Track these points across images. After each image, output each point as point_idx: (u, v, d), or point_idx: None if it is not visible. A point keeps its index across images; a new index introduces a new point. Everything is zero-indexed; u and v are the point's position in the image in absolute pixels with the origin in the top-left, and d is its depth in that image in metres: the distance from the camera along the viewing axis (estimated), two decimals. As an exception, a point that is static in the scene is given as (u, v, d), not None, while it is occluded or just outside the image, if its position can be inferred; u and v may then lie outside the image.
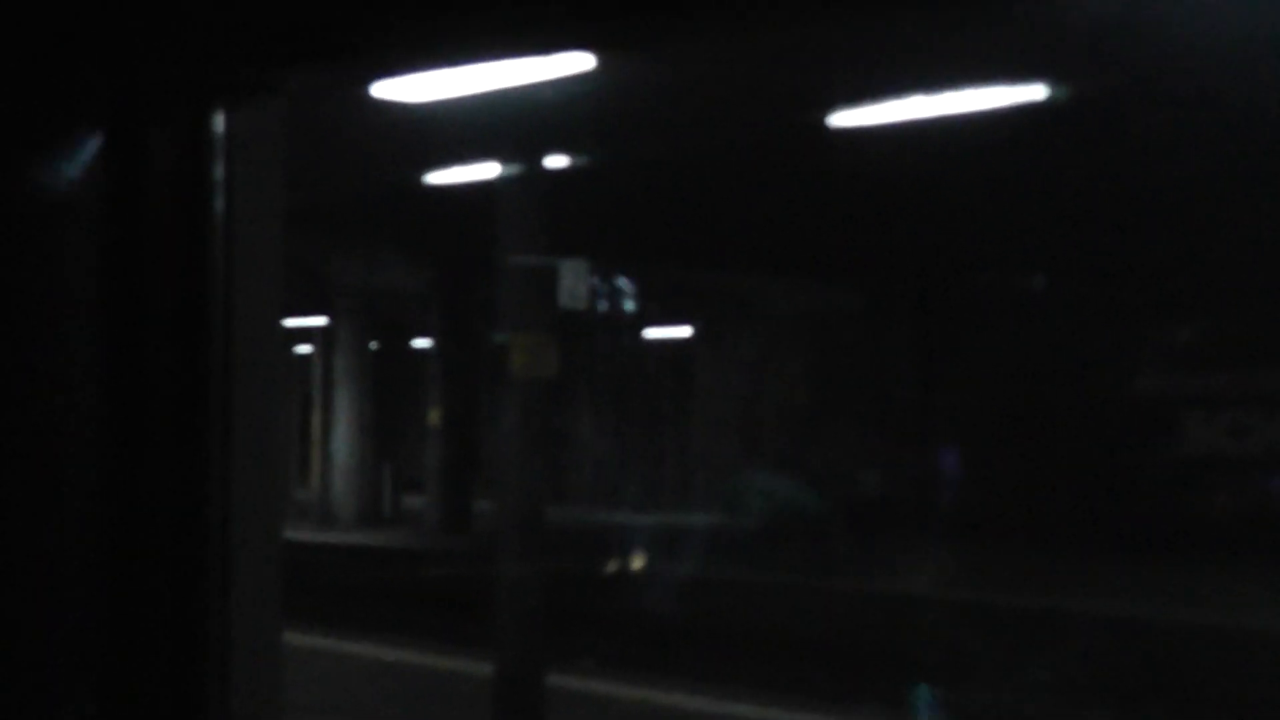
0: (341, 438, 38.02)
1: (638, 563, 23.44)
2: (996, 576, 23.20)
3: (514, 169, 15.49)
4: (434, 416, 35.19)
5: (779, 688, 15.01)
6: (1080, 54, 14.03)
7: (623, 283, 30.49)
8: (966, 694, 14.66)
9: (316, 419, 40.89)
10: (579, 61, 11.56)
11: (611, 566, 24.03)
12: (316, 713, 13.88)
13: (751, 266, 31.85)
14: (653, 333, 41.18)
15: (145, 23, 2.06)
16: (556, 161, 17.40)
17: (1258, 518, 27.01)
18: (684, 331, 40.08)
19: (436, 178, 20.37)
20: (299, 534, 34.60)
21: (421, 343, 39.07)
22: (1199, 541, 25.86)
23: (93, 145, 2.07)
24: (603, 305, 30.15)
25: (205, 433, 2.04)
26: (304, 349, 42.12)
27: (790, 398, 36.53)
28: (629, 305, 32.70)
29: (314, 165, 19.35)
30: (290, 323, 39.84)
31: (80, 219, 2.05)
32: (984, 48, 13.44)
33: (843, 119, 15.97)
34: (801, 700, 14.41)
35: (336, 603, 21.47)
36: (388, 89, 13.71)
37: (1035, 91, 14.62)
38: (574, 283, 14.87)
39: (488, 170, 17.58)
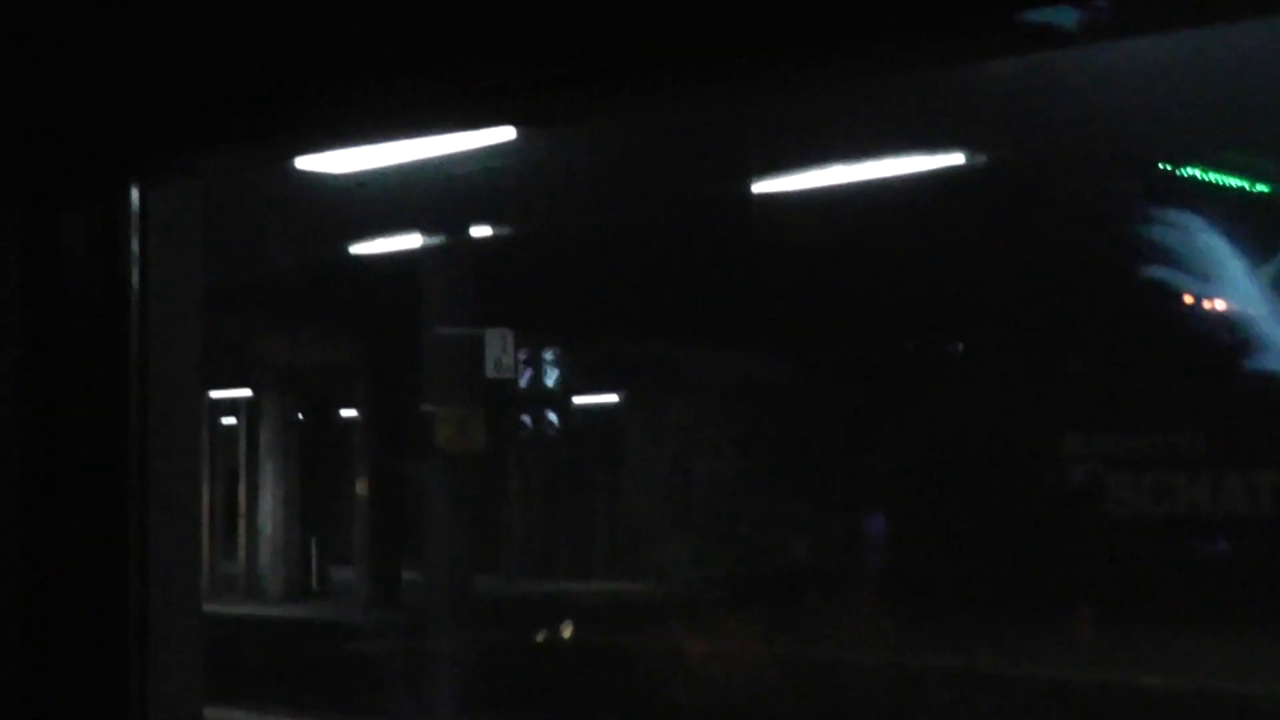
0: (268, 510, 37.78)
1: (566, 632, 23.34)
2: (915, 638, 23.24)
3: (437, 240, 15.52)
4: (361, 488, 35.02)
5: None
6: (996, 122, 14.18)
7: (549, 353, 30.52)
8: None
9: (242, 492, 40.60)
10: (499, 134, 11.59)
11: (539, 637, 23.93)
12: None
13: (679, 336, 31.92)
14: (582, 401, 41.15)
15: (61, 105, 2.07)
16: (480, 232, 17.42)
17: (1182, 577, 27.17)
18: (612, 399, 40.08)
19: (361, 249, 20.34)
20: (226, 608, 34.30)
21: (348, 414, 38.91)
22: (1125, 600, 25.98)
23: (8, 224, 2.07)
24: (529, 376, 30.18)
25: (124, 503, 2.04)
26: (229, 421, 41.86)
27: (719, 465, 36.56)
28: (555, 375, 32.71)
29: (236, 239, 19.29)
30: (215, 395, 39.62)
31: (7, 295, 2.06)
32: (901, 117, 13.57)
33: (763, 187, 16.07)
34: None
35: (263, 679, 21.28)
36: (308, 162, 13.73)
37: (953, 158, 14.76)
38: (500, 352, 14.90)
39: (411, 242, 17.58)
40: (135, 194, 2.15)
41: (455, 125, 2.27)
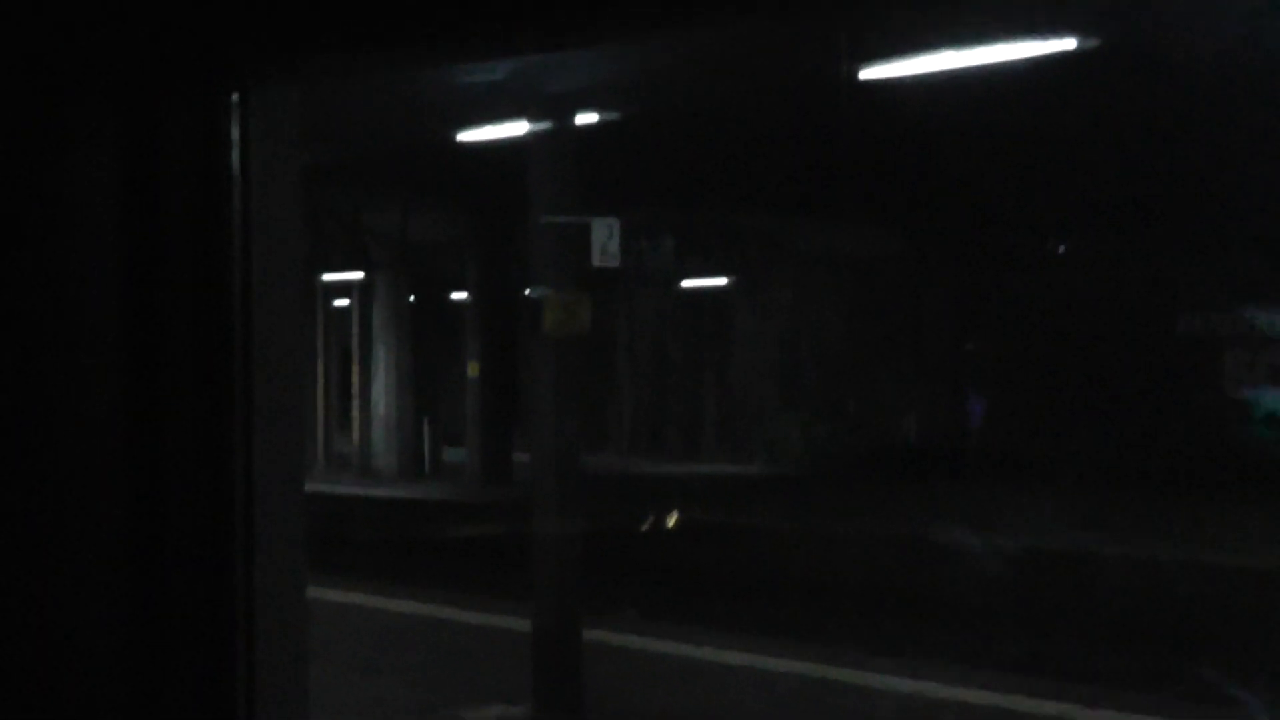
0: (380, 391, 38.14)
1: (673, 517, 23.50)
2: (1029, 521, 23.19)
3: (544, 126, 15.52)
4: (473, 369, 35.27)
5: (809, 637, 15.08)
6: (1107, 9, 14.00)
7: (660, 237, 30.43)
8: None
9: (356, 372, 41.01)
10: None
11: (651, 519, 24.11)
12: (357, 669, 14.01)
13: (786, 213, 31.81)
14: (690, 283, 41.16)
15: (160, 7, 2.09)
16: (586, 118, 17.40)
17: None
18: (721, 281, 40.06)
19: (471, 135, 20.38)
20: (339, 487, 34.75)
21: (459, 296, 39.11)
22: (1236, 480, 25.80)
23: (108, 129, 2.11)
24: (637, 260, 30.00)
25: (227, 407, 2.09)
26: (342, 303, 42.21)
27: (827, 343, 36.51)
28: (664, 259, 32.63)
29: (349, 121, 19.37)
30: (328, 277, 39.93)
31: (97, 203, 2.10)
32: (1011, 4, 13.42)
33: (873, 71, 15.95)
34: (830, 650, 14.48)
35: (379, 557, 21.59)
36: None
37: (1065, 44, 14.58)
38: (606, 240, 14.91)
39: (519, 127, 17.59)
40: (236, 97, 2.17)
41: (561, 43, 2.27)
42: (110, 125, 2.11)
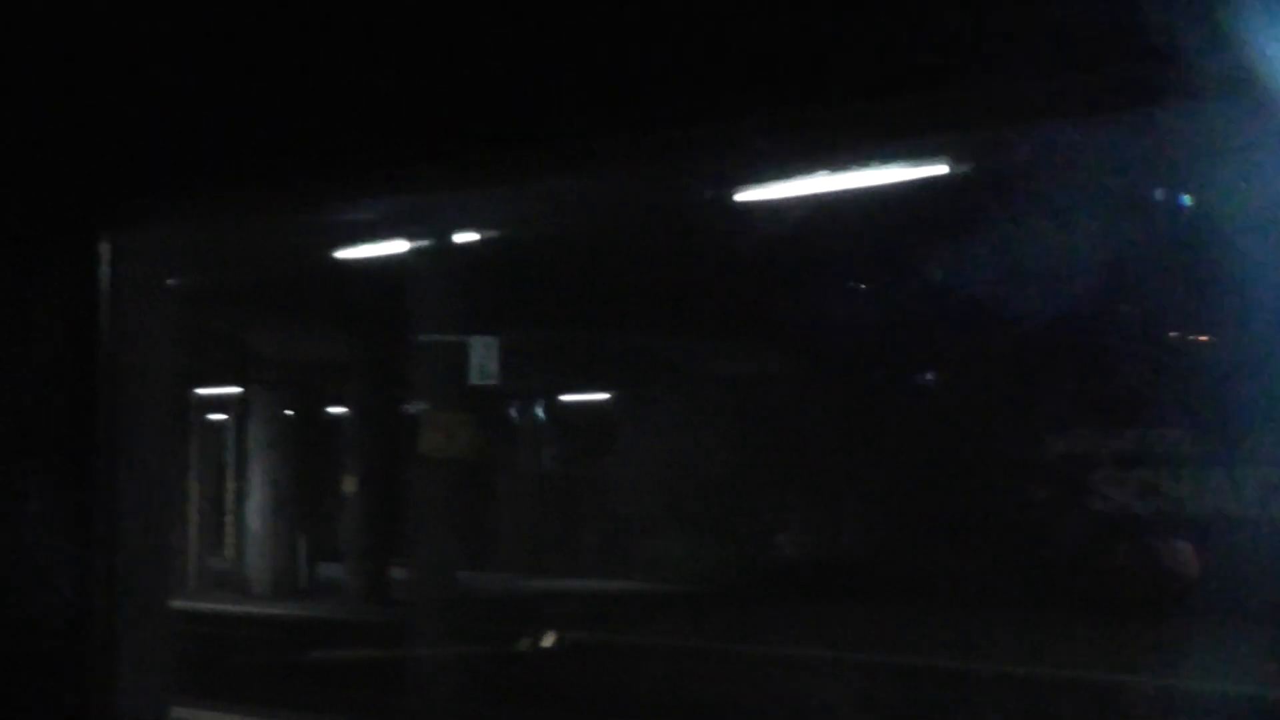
0: (256, 507, 37.79)
1: (550, 636, 23.38)
2: (904, 637, 23.32)
3: (423, 244, 15.58)
4: (350, 484, 35.04)
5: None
6: (976, 138, 14.23)
7: (536, 353, 30.46)
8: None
9: (231, 488, 40.62)
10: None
11: (528, 639, 23.96)
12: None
13: (670, 332, 31.97)
14: (573, 399, 41.21)
15: (37, 156, 2.13)
16: (467, 237, 17.48)
17: (1159, 575, 27.31)
18: (604, 397, 40.13)
19: (350, 253, 20.40)
20: (211, 604, 34.32)
21: (338, 411, 38.93)
22: (1102, 598, 26.11)
23: None
24: (518, 377, 30.02)
25: (94, 526, 2.09)
26: (218, 417, 41.87)
27: (711, 462, 36.61)
28: (542, 375, 32.63)
29: (228, 241, 19.33)
30: (205, 391, 39.61)
31: None
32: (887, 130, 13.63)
33: (750, 195, 16.17)
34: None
35: (250, 676, 21.31)
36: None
37: (936, 169, 14.85)
38: (484, 359, 14.90)
39: (399, 246, 17.64)
40: (104, 243, 2.21)
41: (424, 187, 2.33)
42: None
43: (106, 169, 2.12)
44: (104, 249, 2.15)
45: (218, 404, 41.15)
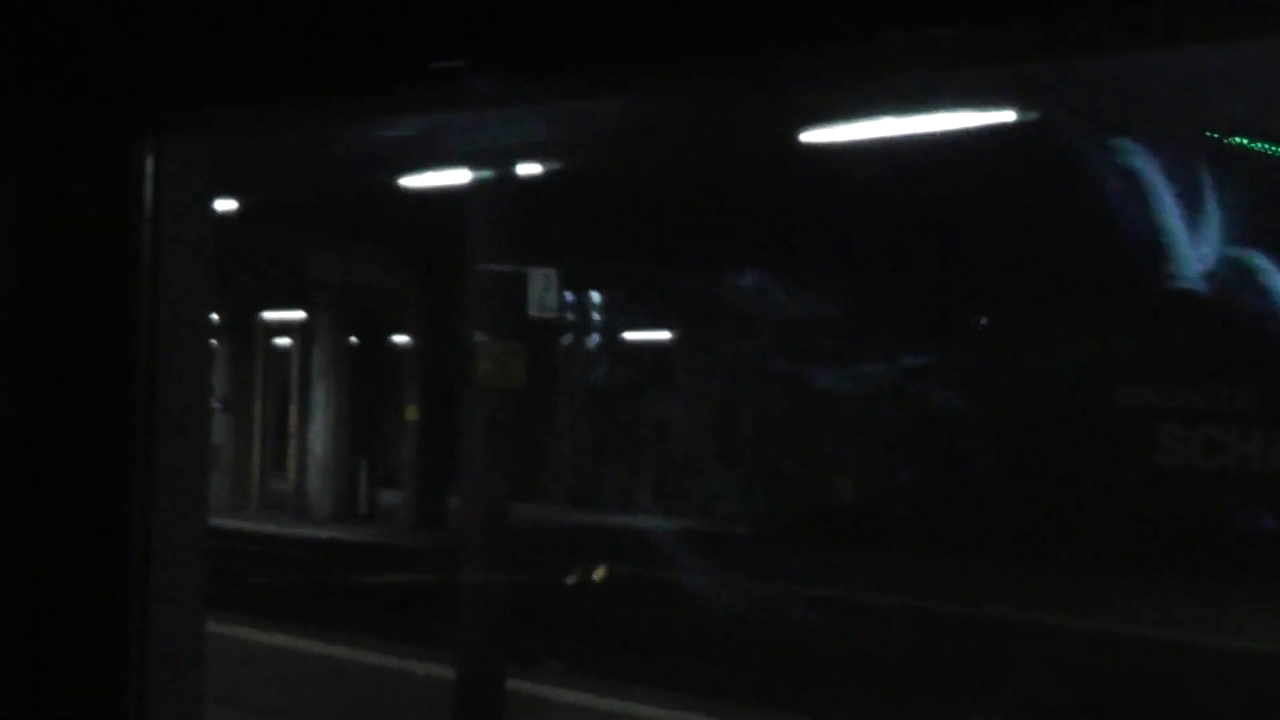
0: (318, 432, 38.03)
1: (601, 571, 23.44)
2: (957, 586, 23.29)
3: (484, 175, 15.53)
4: (410, 412, 35.22)
5: (731, 695, 15.10)
6: (1052, 81, 14.14)
7: (599, 289, 30.49)
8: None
9: (294, 412, 40.89)
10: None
11: (579, 571, 24.05)
12: (268, 713, 13.92)
13: (730, 270, 31.93)
14: (632, 336, 41.22)
15: (76, 55, 2.11)
16: (530, 168, 17.45)
17: (1224, 532, 27.13)
18: (664, 335, 40.12)
19: (413, 180, 20.42)
20: (271, 527, 34.60)
21: (400, 339, 39.07)
22: (1166, 553, 25.96)
23: (19, 175, 2.12)
24: (579, 311, 30.14)
25: (128, 445, 2.10)
26: (282, 342, 42.10)
27: (767, 402, 36.59)
28: (604, 310, 32.66)
29: (291, 162, 19.37)
30: (269, 316, 39.83)
31: (3, 245, 2.11)
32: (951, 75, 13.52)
33: (816, 136, 16.08)
34: (759, 709, 14.50)
35: (304, 598, 21.50)
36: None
37: (1003, 115, 14.74)
38: (543, 292, 14.89)
39: (460, 175, 17.62)
40: (147, 147, 2.18)
41: (480, 103, 2.29)
42: (20, 167, 2.13)
43: (150, 70, 2.10)
44: (147, 158, 2.12)
45: (281, 328, 41.38)
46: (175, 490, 2.16)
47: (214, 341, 35.18)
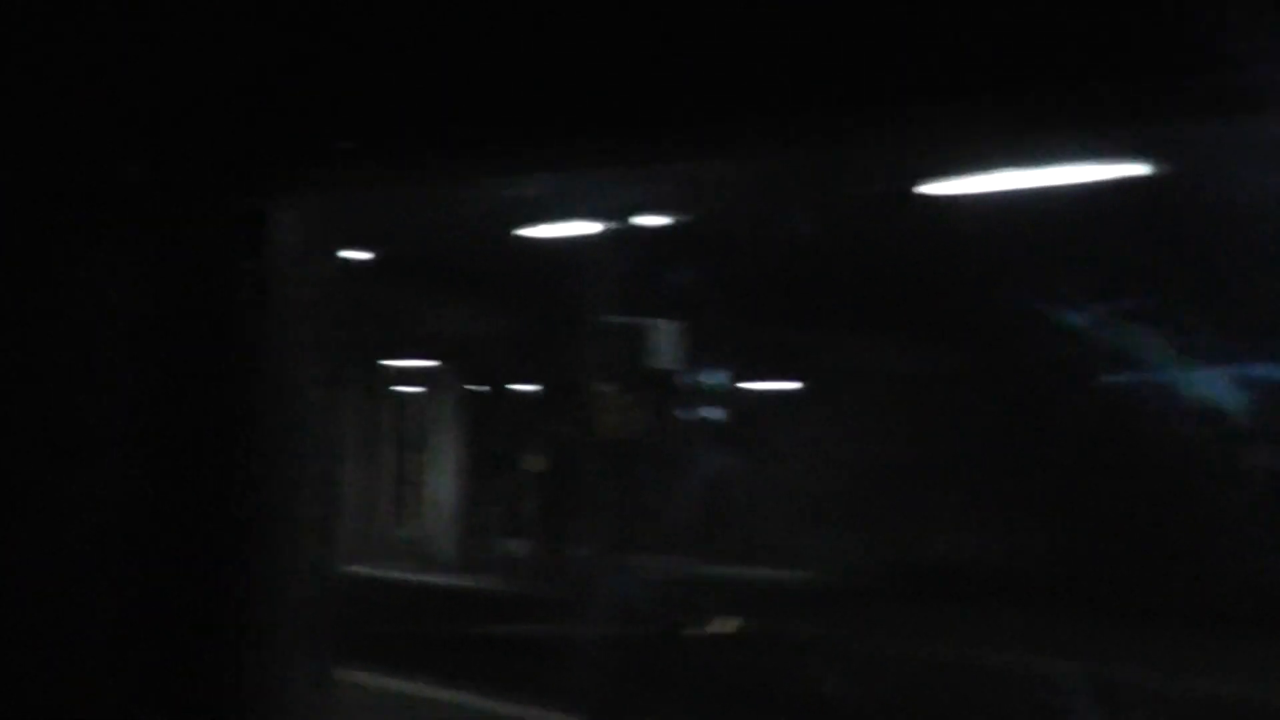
0: (441, 479, 38.27)
1: (729, 623, 23.22)
2: (1052, 641, 22.82)
3: (608, 226, 15.70)
4: (532, 462, 35.36)
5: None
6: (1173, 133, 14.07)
7: (717, 341, 30.47)
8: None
9: (414, 459, 41.13)
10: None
11: (703, 623, 23.89)
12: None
13: (845, 325, 31.84)
14: (747, 387, 41.16)
15: (205, 125, 2.22)
16: (652, 220, 17.57)
17: None
18: (779, 386, 40.05)
19: (534, 231, 20.58)
20: (394, 573, 34.81)
21: (522, 388, 39.26)
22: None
23: (147, 233, 2.23)
24: (693, 364, 30.05)
25: (252, 495, 2.18)
26: (407, 390, 42.42)
27: (881, 455, 36.42)
28: (721, 363, 32.58)
29: (412, 215, 19.58)
30: (393, 363, 40.16)
31: (132, 297, 2.22)
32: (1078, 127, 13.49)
33: (933, 188, 16.07)
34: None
35: (431, 647, 21.59)
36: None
37: (1130, 168, 14.67)
38: (665, 343, 15.05)
39: (585, 227, 17.78)
40: (271, 206, 2.28)
41: (587, 165, 2.36)
42: (148, 227, 2.24)
43: (274, 134, 2.21)
44: (271, 217, 2.24)
45: (405, 377, 41.70)
46: (297, 540, 2.24)
47: (339, 390, 35.55)
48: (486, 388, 40.24)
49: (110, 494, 2.22)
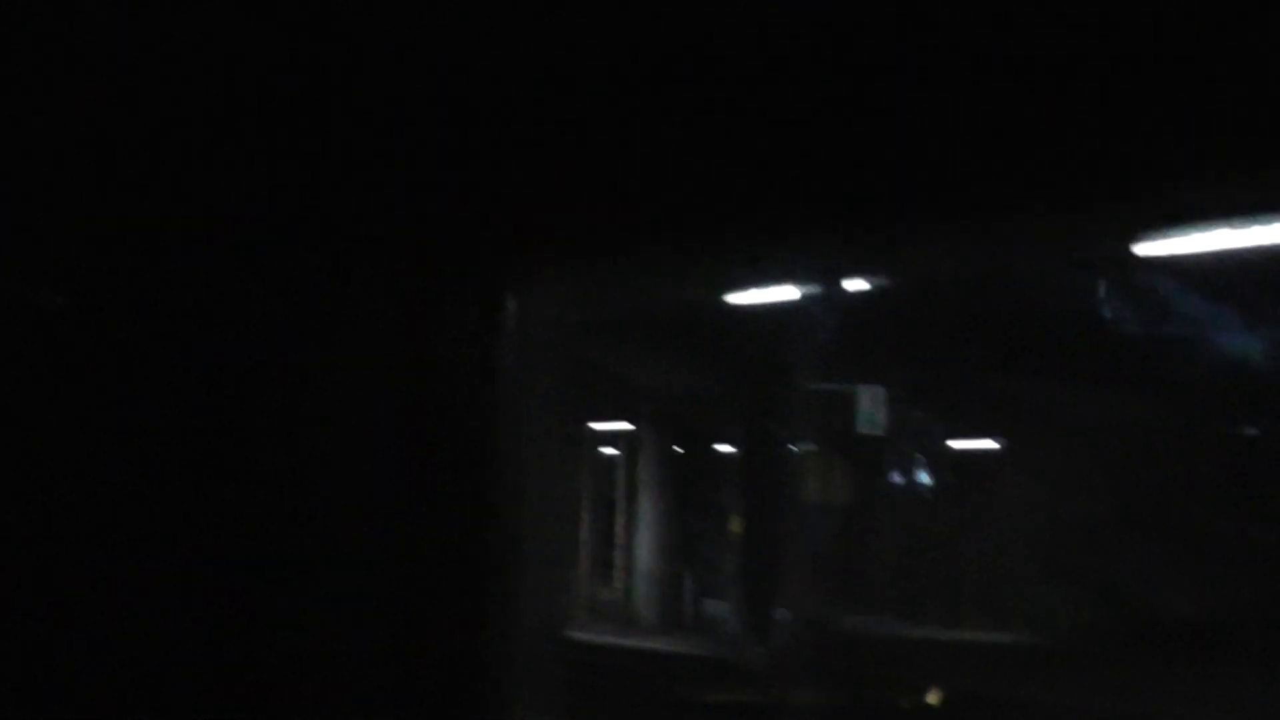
0: (643, 541, 38.37)
1: (935, 694, 22.85)
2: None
3: (810, 291, 15.68)
4: (735, 524, 35.30)
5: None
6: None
7: (922, 403, 30.30)
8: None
9: (620, 522, 41.29)
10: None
11: (916, 693, 23.49)
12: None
13: (1051, 378, 31.49)
14: (954, 445, 40.82)
15: (445, 223, 2.27)
16: (856, 284, 17.53)
17: None
18: (985, 444, 39.65)
19: (740, 297, 20.66)
20: (598, 636, 34.89)
21: (724, 449, 39.28)
22: None
23: (401, 322, 2.29)
24: (898, 424, 29.82)
25: (485, 568, 2.22)
26: (609, 452, 42.62)
27: (1091, 511, 35.88)
28: (926, 423, 32.38)
29: (615, 281, 19.69)
30: (596, 426, 40.39)
31: (390, 385, 2.28)
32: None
33: (1150, 248, 15.85)
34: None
35: (629, 709, 21.60)
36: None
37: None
38: (872, 408, 14.97)
39: (787, 291, 17.79)
40: (508, 300, 2.32)
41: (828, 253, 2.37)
42: (399, 320, 2.29)
43: (508, 234, 2.25)
44: (509, 305, 2.29)
45: (607, 438, 41.91)
46: (537, 606, 2.27)
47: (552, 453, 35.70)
48: (693, 450, 40.33)
49: (360, 580, 2.27)
